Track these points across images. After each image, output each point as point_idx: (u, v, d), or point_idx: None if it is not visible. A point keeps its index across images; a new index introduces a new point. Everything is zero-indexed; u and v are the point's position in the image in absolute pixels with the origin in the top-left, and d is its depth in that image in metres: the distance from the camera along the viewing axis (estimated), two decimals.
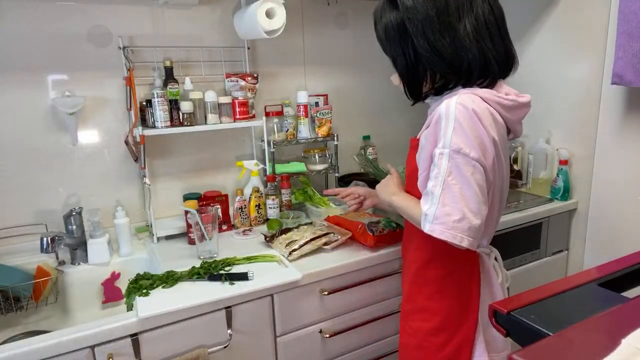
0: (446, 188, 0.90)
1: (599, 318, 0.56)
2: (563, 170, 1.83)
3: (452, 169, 0.89)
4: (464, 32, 0.94)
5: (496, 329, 0.65)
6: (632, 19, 1.44)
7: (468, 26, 0.94)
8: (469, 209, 0.89)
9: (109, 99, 1.55)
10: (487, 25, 0.96)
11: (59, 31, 1.44)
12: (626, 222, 1.70)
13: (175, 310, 1.12)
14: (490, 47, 0.96)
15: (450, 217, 0.89)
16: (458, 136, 0.89)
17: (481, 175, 0.89)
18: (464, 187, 0.89)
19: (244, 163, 1.69)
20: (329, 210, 1.67)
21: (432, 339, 1.05)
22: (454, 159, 0.89)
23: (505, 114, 0.98)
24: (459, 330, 1.03)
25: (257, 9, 1.43)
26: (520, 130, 1.05)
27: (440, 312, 1.04)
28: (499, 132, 0.95)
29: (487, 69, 0.97)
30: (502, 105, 0.96)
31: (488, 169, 0.90)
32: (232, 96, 1.63)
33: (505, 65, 1.00)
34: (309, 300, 1.34)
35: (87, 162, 1.55)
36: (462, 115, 0.89)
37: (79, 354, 1.04)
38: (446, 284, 1.04)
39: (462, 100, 0.91)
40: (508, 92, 1.00)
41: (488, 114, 0.93)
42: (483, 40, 0.95)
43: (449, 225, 0.89)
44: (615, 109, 1.68)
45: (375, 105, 2.10)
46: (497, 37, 0.97)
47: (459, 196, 0.89)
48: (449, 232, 0.89)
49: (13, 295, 1.33)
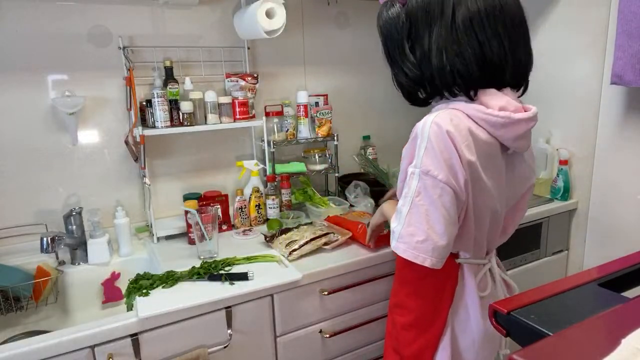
0: (413, 208, 0.90)
1: (599, 318, 0.56)
2: (563, 170, 1.83)
3: (420, 189, 0.89)
4: (429, 44, 0.92)
5: (496, 329, 0.65)
6: (632, 19, 1.44)
7: (434, 37, 0.91)
8: (434, 230, 0.88)
9: (109, 99, 1.55)
10: (457, 34, 0.90)
11: (59, 31, 1.44)
12: (626, 222, 1.70)
13: (175, 310, 1.12)
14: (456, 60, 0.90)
15: (414, 237, 0.89)
16: (428, 157, 0.88)
17: (449, 197, 0.88)
18: (430, 209, 0.88)
19: (244, 163, 1.69)
20: (329, 210, 1.67)
21: (404, 333, 1.09)
22: (423, 180, 0.89)
23: (496, 132, 0.91)
24: (427, 331, 1.05)
25: (257, 9, 1.43)
26: (524, 145, 0.98)
27: (414, 311, 1.08)
28: (481, 151, 0.90)
29: (450, 85, 0.93)
30: (490, 122, 0.90)
31: (459, 191, 0.88)
32: (232, 96, 1.63)
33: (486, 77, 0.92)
34: (309, 300, 1.34)
35: (87, 162, 1.55)
36: (434, 135, 0.87)
37: (79, 354, 1.04)
38: (422, 286, 1.06)
39: (439, 119, 0.88)
40: (505, 105, 0.91)
41: (466, 134, 0.88)
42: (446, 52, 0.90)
43: (411, 245, 0.90)
44: (615, 109, 1.68)
45: (375, 105, 2.10)
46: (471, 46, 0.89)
47: (424, 217, 0.89)
48: (412, 251, 0.90)
49: (13, 295, 1.33)
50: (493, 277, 1.08)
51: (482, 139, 0.91)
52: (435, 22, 0.91)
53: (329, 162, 1.85)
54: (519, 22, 0.93)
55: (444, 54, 0.91)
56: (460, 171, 0.87)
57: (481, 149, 0.90)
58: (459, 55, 0.90)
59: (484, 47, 0.90)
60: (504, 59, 0.92)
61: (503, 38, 0.90)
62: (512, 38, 0.92)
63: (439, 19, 0.91)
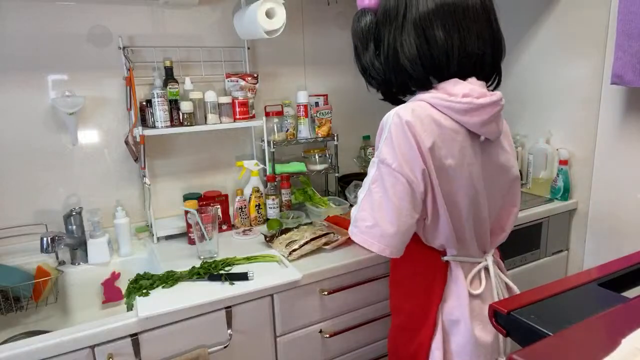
0: (368, 195, 0.93)
1: (599, 318, 0.56)
2: (563, 170, 1.83)
3: (377, 177, 0.92)
4: (387, 46, 0.98)
5: (496, 329, 0.65)
6: (632, 19, 1.44)
7: (389, 39, 0.97)
8: (383, 217, 0.91)
9: (109, 99, 1.55)
10: (403, 33, 0.94)
11: (59, 31, 1.44)
12: (626, 222, 1.70)
13: (175, 310, 1.12)
14: (404, 59, 0.95)
15: (364, 222, 0.93)
16: (386, 147, 0.91)
17: (402, 187, 0.90)
18: (383, 197, 0.91)
19: (244, 163, 1.69)
20: (329, 210, 1.67)
21: (400, 335, 1.11)
22: (380, 168, 0.92)
23: (461, 118, 0.92)
24: (418, 333, 1.05)
25: (257, 9, 1.43)
26: (493, 131, 0.97)
27: (404, 312, 1.09)
28: (445, 139, 0.91)
29: (406, 85, 0.99)
30: (454, 109, 0.92)
31: (413, 181, 0.90)
32: (232, 96, 1.63)
33: (433, 70, 0.95)
34: (308, 300, 1.34)
35: (87, 162, 1.55)
36: (394, 126, 0.91)
37: (79, 354, 1.04)
38: (410, 285, 1.07)
39: (400, 111, 0.91)
40: (468, 92, 0.91)
41: (428, 122, 0.90)
42: (398, 53, 0.96)
43: (362, 230, 0.93)
44: (615, 109, 1.68)
45: (375, 105, 2.09)
46: (418, 42, 0.93)
47: (377, 204, 0.92)
48: (361, 236, 0.94)
49: (13, 295, 1.33)
50: (489, 275, 1.06)
51: (446, 126, 0.92)
52: (391, 24, 0.97)
53: (329, 162, 1.85)
54: (474, 14, 0.93)
55: (398, 54, 0.96)
56: (417, 162, 0.89)
57: (445, 137, 0.92)
58: (407, 55, 0.94)
59: (430, 43, 0.93)
60: (451, 52, 0.93)
61: (451, 32, 0.92)
62: (461, 31, 0.92)
63: (394, 21, 0.96)
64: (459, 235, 1.00)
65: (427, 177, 0.91)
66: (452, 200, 0.96)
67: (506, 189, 1.08)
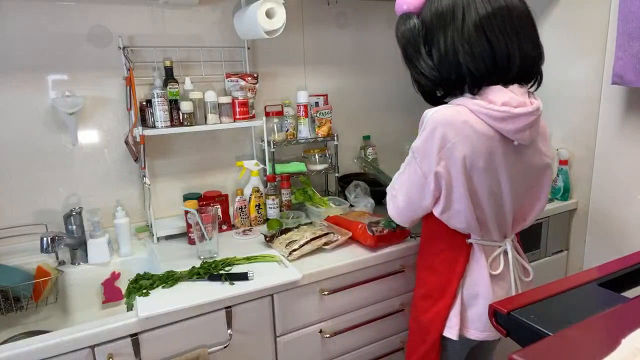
0: (400, 172, 1.15)
1: (599, 318, 0.56)
2: (563, 170, 1.83)
3: (408, 162, 1.11)
4: (445, 47, 1.02)
5: (496, 329, 0.65)
6: (632, 19, 1.44)
7: (448, 40, 1.02)
8: (401, 192, 1.14)
9: (109, 99, 1.55)
10: (467, 35, 0.99)
11: (59, 31, 1.44)
12: (626, 222, 1.70)
13: (175, 310, 1.12)
14: (468, 59, 1.00)
15: (392, 190, 1.18)
16: (419, 141, 1.06)
17: (417, 178, 1.08)
18: (406, 179, 1.12)
19: (244, 163, 1.69)
20: (329, 210, 1.67)
21: (420, 302, 1.24)
22: (409, 156, 1.10)
23: (497, 125, 1.00)
24: (439, 301, 1.18)
25: (257, 9, 1.43)
26: (526, 137, 1.03)
27: (428, 283, 1.22)
28: (479, 143, 1.00)
29: (464, 83, 1.03)
30: (491, 116, 0.99)
31: (427, 178, 1.05)
32: (232, 96, 1.63)
33: (497, 73, 1.01)
34: (309, 300, 1.34)
35: (87, 162, 1.55)
36: (430, 125, 1.02)
37: (79, 354, 1.04)
38: (436, 261, 1.20)
39: (437, 115, 1.01)
40: (508, 101, 0.99)
41: (462, 128, 0.99)
42: (460, 53, 1.00)
43: (389, 195, 1.19)
44: (615, 109, 1.68)
45: (375, 105, 2.10)
46: (481, 46, 0.99)
47: (400, 182, 1.14)
48: (388, 199, 1.19)
49: (13, 295, 1.33)
50: (507, 258, 1.17)
51: (481, 132, 1.00)
52: (448, 26, 1.02)
53: (329, 162, 1.85)
54: (525, 19, 1.02)
55: (458, 54, 1.01)
56: (434, 164, 1.03)
57: (479, 141, 1.00)
58: (470, 54, 1.00)
59: (492, 45, 0.99)
60: (513, 54, 1.00)
61: (511, 36, 0.99)
62: (519, 35, 1.00)
63: (451, 23, 1.01)
64: (480, 224, 1.11)
65: (440, 179, 1.04)
66: (476, 196, 1.07)
67: (534, 184, 1.16)
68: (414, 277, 1.44)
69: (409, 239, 1.50)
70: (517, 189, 1.11)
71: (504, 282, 1.16)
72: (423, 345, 1.22)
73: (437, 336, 1.17)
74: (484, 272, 1.13)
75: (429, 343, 1.20)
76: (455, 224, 1.11)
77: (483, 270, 1.13)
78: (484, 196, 1.07)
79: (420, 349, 1.23)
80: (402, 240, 1.48)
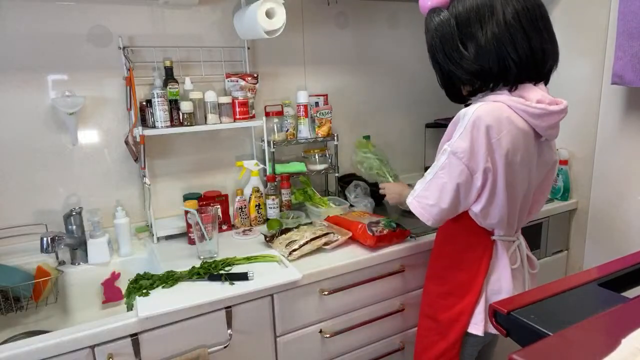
0: (435, 178, 1.08)
1: (599, 318, 0.56)
2: (563, 170, 1.83)
3: (445, 165, 1.06)
4: (485, 40, 1.02)
5: (496, 328, 0.65)
6: (632, 19, 1.44)
7: (489, 33, 1.01)
8: (442, 200, 1.07)
9: (109, 99, 1.55)
10: (510, 29, 1.00)
11: (59, 31, 1.44)
12: (626, 222, 1.70)
13: (175, 310, 1.12)
14: (512, 51, 1.01)
15: (427, 200, 1.10)
16: (461, 141, 1.02)
17: (465, 179, 1.04)
18: (447, 183, 1.06)
19: (244, 163, 1.69)
20: (329, 210, 1.67)
21: (440, 301, 1.24)
22: (450, 158, 1.05)
23: (533, 122, 1.04)
24: (463, 298, 1.19)
25: (257, 9, 1.43)
26: (555, 133, 1.11)
27: (450, 281, 1.22)
28: (518, 139, 1.02)
29: (507, 74, 1.03)
30: (529, 113, 1.02)
31: (475, 176, 1.04)
32: (232, 96, 1.63)
33: (534, 68, 1.04)
34: (309, 300, 1.34)
35: (87, 162, 1.55)
36: (472, 124, 1.01)
37: (79, 354, 1.04)
38: (458, 259, 1.20)
39: (481, 111, 1.01)
40: (541, 98, 1.03)
41: (506, 124, 1.00)
42: (504, 46, 1.01)
43: (422, 205, 1.11)
44: (615, 109, 1.68)
45: (375, 105, 2.10)
46: (522, 40, 1.01)
47: (440, 188, 1.07)
48: (419, 209, 1.11)
49: (13, 295, 1.33)
50: (521, 252, 1.21)
51: (520, 127, 1.03)
52: (487, 20, 1.02)
53: (329, 162, 1.85)
54: (547, 19, 1.06)
55: (502, 47, 1.01)
56: (483, 161, 1.02)
57: (519, 137, 1.03)
58: (513, 47, 1.01)
59: (531, 40, 1.02)
60: (545, 50, 1.04)
61: (542, 32, 1.03)
62: (548, 32, 1.05)
63: (491, 17, 1.01)
64: (509, 221, 1.14)
65: (488, 174, 1.04)
66: (512, 191, 1.09)
67: (543, 179, 1.20)
68: (413, 277, 1.44)
69: (409, 239, 1.50)
70: (534, 184, 1.16)
71: (520, 275, 1.21)
72: (442, 342, 1.22)
73: (461, 333, 1.18)
74: (506, 268, 1.16)
75: (450, 340, 1.20)
76: (490, 221, 1.12)
77: (506, 266, 1.16)
78: (518, 191, 1.10)
79: (438, 346, 1.23)
80: (402, 240, 1.48)
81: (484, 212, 1.10)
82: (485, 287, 1.17)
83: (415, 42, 2.12)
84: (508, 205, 1.10)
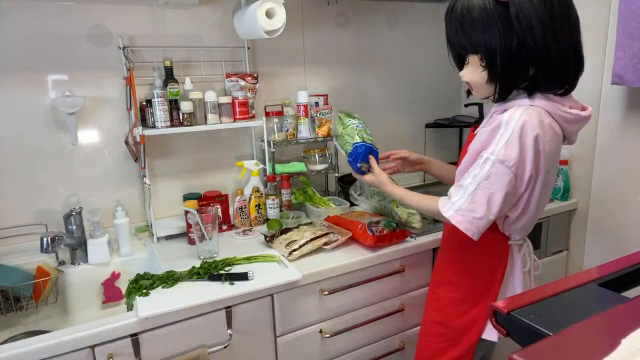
0: (480, 189, 1.01)
1: (599, 318, 0.56)
2: (563, 170, 1.83)
3: (491, 174, 1.00)
4: (564, 38, 0.98)
5: (496, 329, 0.65)
6: (632, 19, 1.44)
7: (566, 32, 0.98)
8: (491, 211, 1.01)
9: (109, 99, 1.55)
10: (573, 33, 1.00)
11: (59, 31, 1.44)
12: (626, 222, 1.70)
13: (175, 310, 1.12)
14: (572, 52, 1.00)
15: (474, 213, 1.02)
16: (508, 148, 0.97)
17: (512, 188, 1.00)
18: (495, 193, 1.00)
19: (244, 163, 1.69)
20: (329, 210, 1.67)
21: (453, 307, 1.21)
22: (496, 167, 0.99)
23: (566, 127, 1.04)
24: (477, 305, 1.16)
25: (257, 9, 1.43)
26: (576, 139, 1.11)
27: (464, 287, 1.19)
28: (553, 146, 1.02)
29: (567, 76, 1.02)
30: (564, 118, 1.02)
31: (520, 183, 1.01)
32: (232, 96, 1.63)
33: (576, 61, 1.03)
34: (309, 300, 1.34)
35: (87, 162, 1.55)
36: (519, 131, 0.96)
37: (79, 354, 1.04)
38: (474, 264, 1.17)
39: (527, 117, 0.97)
40: (573, 105, 1.04)
41: (548, 131, 0.99)
42: (570, 48, 1.00)
43: (468, 219, 1.02)
44: (615, 109, 1.68)
45: (375, 105, 2.10)
46: (569, 30, 1.00)
47: (487, 199, 1.01)
48: (466, 224, 1.03)
49: (13, 295, 1.33)
50: (529, 255, 1.20)
51: (558, 133, 1.03)
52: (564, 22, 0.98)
53: (329, 162, 1.85)
54: None
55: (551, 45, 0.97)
56: (529, 168, 0.99)
57: (557, 143, 1.03)
58: (562, 46, 0.98)
59: (574, 35, 1.01)
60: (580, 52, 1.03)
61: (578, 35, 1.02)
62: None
63: (567, 20, 0.98)
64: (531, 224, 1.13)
65: (530, 182, 1.02)
66: (545, 197, 1.09)
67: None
68: (413, 277, 1.44)
69: (409, 239, 1.50)
70: None
71: (528, 278, 1.20)
72: (454, 350, 1.20)
73: (475, 339, 1.17)
74: (519, 271, 1.16)
75: (463, 347, 1.18)
76: (517, 226, 1.11)
77: (520, 270, 1.16)
78: (547, 194, 1.11)
79: (450, 354, 1.21)
80: (402, 240, 1.48)
81: (517, 219, 1.09)
82: (501, 293, 1.16)
83: (415, 42, 2.12)
84: (538, 211, 1.10)
